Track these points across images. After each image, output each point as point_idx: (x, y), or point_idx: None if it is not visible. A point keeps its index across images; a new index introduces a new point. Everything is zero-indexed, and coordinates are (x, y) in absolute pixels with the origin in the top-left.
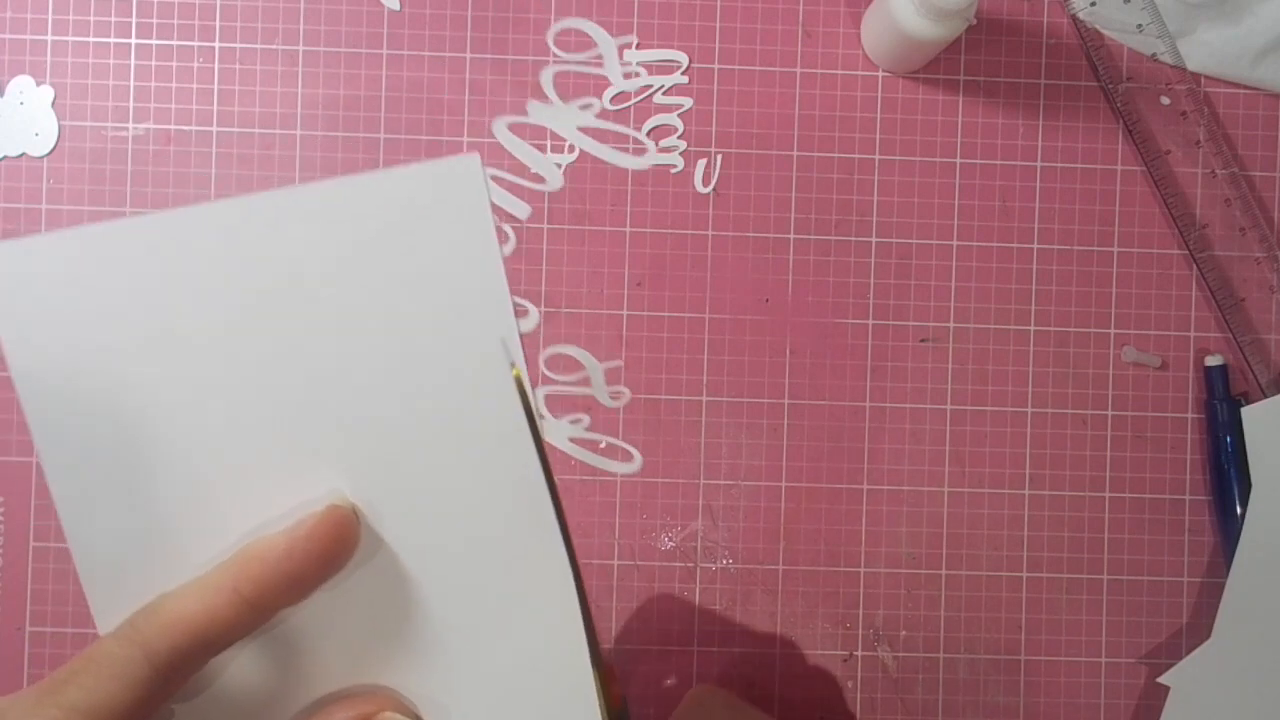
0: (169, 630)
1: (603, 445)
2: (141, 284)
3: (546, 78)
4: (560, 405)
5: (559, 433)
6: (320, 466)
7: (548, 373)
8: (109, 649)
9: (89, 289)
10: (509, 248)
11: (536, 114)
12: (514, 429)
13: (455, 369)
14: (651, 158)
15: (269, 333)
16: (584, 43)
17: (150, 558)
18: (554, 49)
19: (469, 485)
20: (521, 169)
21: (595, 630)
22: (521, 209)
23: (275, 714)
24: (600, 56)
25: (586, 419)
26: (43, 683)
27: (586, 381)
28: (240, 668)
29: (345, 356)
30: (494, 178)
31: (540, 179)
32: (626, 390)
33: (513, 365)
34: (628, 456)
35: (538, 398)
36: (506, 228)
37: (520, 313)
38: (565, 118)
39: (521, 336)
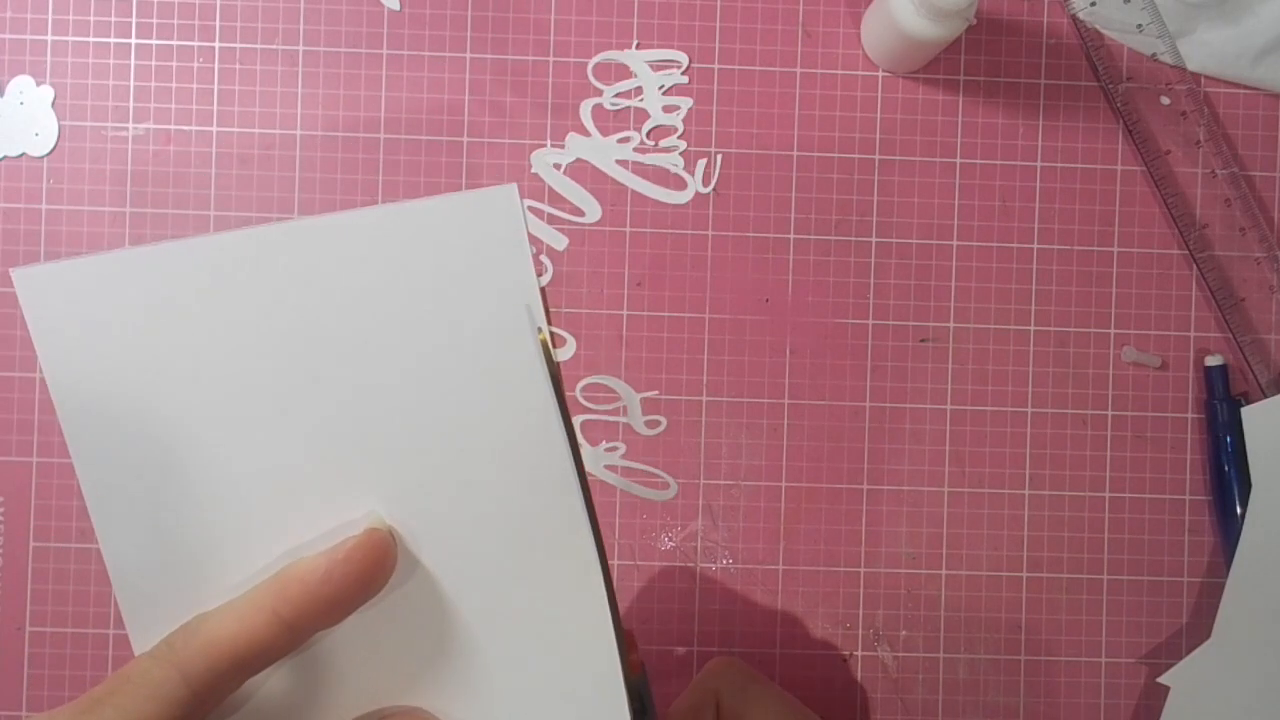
0: (206, 651)
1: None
2: (179, 307)
3: (585, 111)
4: (596, 433)
5: (595, 461)
6: (355, 487)
7: (584, 402)
8: (146, 668)
9: (127, 311)
10: (546, 278)
11: (575, 147)
12: (548, 451)
13: (490, 393)
14: (691, 191)
15: (305, 355)
16: (623, 74)
17: (186, 576)
18: (593, 81)
19: (503, 504)
20: (561, 201)
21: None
22: (559, 240)
23: None
24: (640, 89)
25: (623, 447)
26: (78, 701)
27: (623, 411)
28: (275, 687)
29: (380, 380)
30: (532, 208)
31: (580, 212)
32: (664, 419)
33: (547, 368)
34: (664, 485)
35: (574, 425)
36: (544, 259)
37: (558, 343)
38: (604, 151)
39: (559, 365)
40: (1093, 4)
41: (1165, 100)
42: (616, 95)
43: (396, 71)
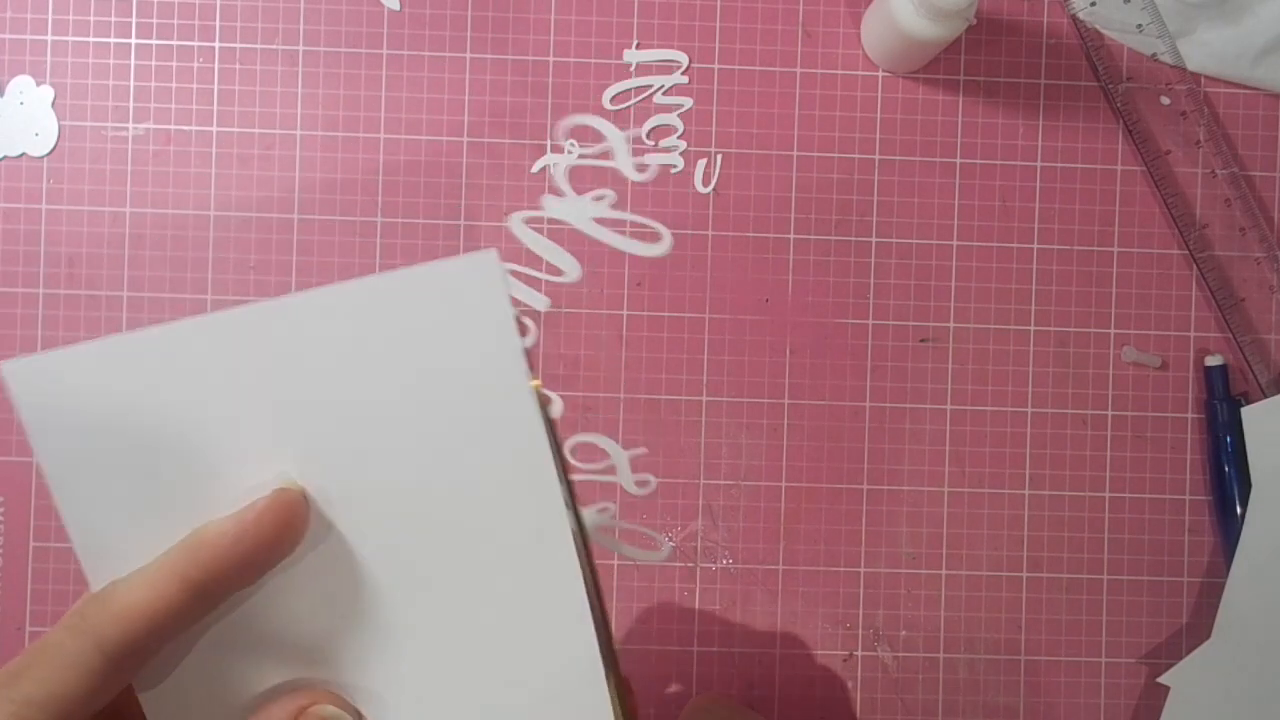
0: (119, 619)
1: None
2: (170, 389)
3: (560, 172)
4: (586, 494)
5: (587, 523)
6: (352, 549)
7: (573, 461)
8: (60, 640)
9: (118, 397)
10: (529, 339)
11: (551, 207)
12: (543, 505)
13: (482, 453)
14: (667, 244)
15: (298, 429)
16: (596, 136)
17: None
18: (566, 143)
19: (499, 558)
20: (539, 262)
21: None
22: (540, 301)
23: (241, 696)
24: (611, 150)
25: (613, 507)
26: None
27: (612, 470)
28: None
29: (374, 447)
30: (512, 271)
31: (558, 271)
32: (653, 478)
33: (549, 436)
34: (654, 544)
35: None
36: (527, 320)
37: (543, 401)
38: (580, 210)
39: (554, 421)
40: (1093, 4)
41: (1165, 100)
42: (584, 156)
43: (396, 71)
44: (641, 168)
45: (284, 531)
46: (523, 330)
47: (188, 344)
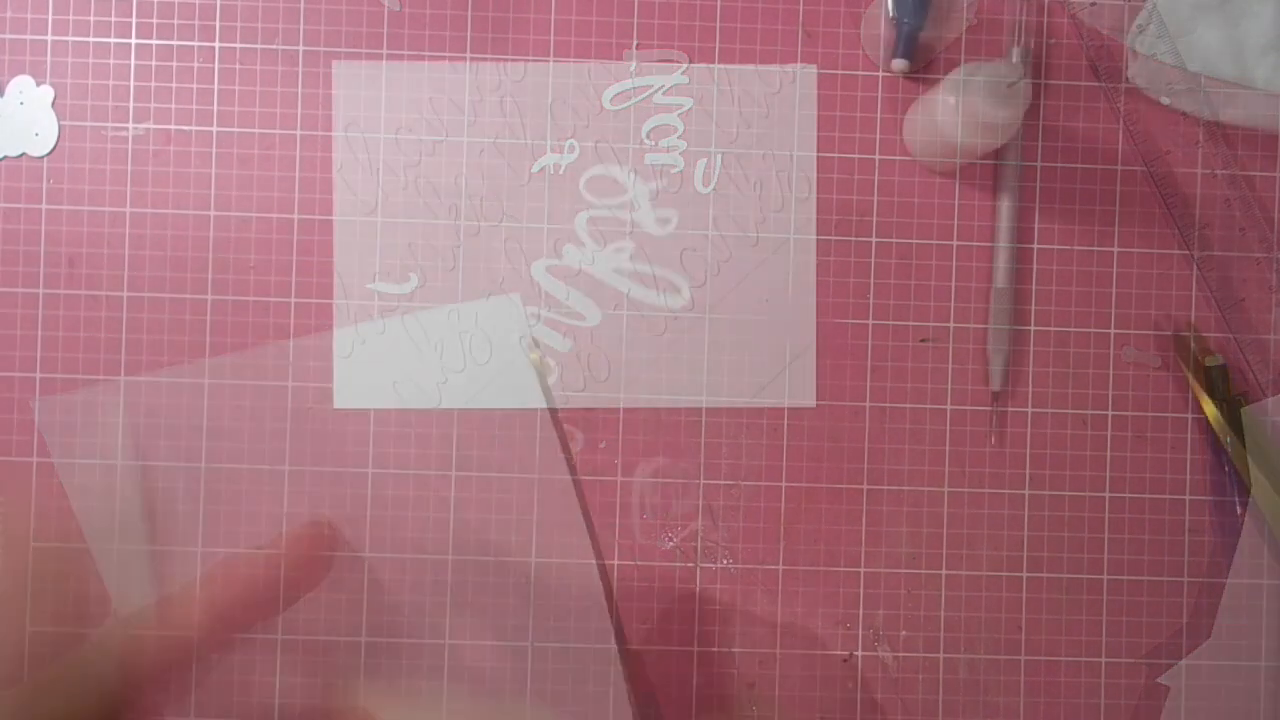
0: (143, 643)
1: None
2: (197, 422)
3: (581, 223)
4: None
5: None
6: (378, 577)
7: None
8: (88, 659)
9: (147, 429)
10: (553, 379)
11: (572, 257)
12: (563, 531)
13: (505, 484)
14: (686, 297)
15: (326, 462)
16: (618, 189)
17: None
18: (586, 195)
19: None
20: (561, 307)
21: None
22: (562, 343)
23: (271, 714)
24: (631, 202)
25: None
26: (22, 687)
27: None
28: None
29: (401, 479)
30: (534, 315)
31: (580, 316)
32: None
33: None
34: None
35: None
36: (550, 361)
37: (571, 436)
38: (601, 261)
39: (572, 458)
40: (1093, 4)
41: (1165, 100)
42: (606, 207)
43: (396, 73)
44: (663, 221)
45: (313, 563)
46: (547, 370)
47: (213, 378)
